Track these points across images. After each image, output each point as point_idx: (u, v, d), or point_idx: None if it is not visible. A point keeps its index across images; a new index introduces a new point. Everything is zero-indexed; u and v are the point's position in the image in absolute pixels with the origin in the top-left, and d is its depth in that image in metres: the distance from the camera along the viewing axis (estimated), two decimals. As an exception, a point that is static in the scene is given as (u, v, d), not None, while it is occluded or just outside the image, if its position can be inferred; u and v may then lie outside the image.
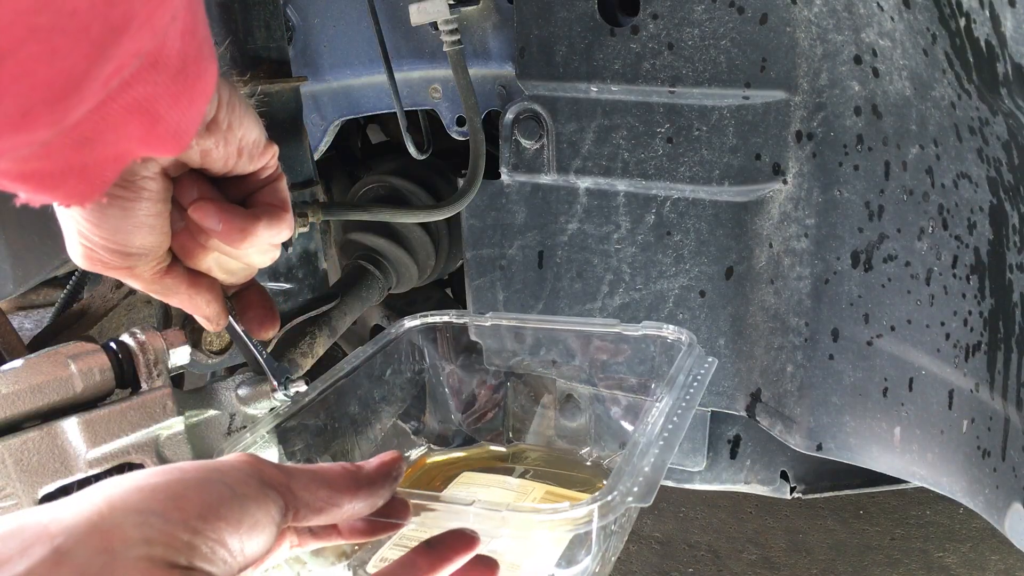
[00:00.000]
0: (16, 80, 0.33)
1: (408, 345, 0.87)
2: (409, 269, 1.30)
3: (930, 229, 0.82)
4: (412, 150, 1.17)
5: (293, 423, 0.70)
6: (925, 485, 0.90)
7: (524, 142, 1.04)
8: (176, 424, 0.67)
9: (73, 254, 0.52)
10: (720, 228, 0.99)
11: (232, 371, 1.01)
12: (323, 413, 0.74)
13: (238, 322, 0.65)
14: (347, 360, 0.78)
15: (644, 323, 0.81)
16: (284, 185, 0.58)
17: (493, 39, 1.07)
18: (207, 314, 0.61)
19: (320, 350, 0.97)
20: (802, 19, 0.85)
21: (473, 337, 0.91)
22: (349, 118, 1.25)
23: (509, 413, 0.90)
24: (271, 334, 0.66)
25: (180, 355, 0.67)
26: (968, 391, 0.80)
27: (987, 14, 0.60)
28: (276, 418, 0.69)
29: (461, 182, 1.07)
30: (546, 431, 0.89)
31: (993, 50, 0.62)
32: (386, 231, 1.28)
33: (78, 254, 0.52)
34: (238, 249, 0.56)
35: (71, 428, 0.61)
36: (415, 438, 0.90)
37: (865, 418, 0.93)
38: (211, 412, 0.72)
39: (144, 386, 0.65)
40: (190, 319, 0.63)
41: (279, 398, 0.71)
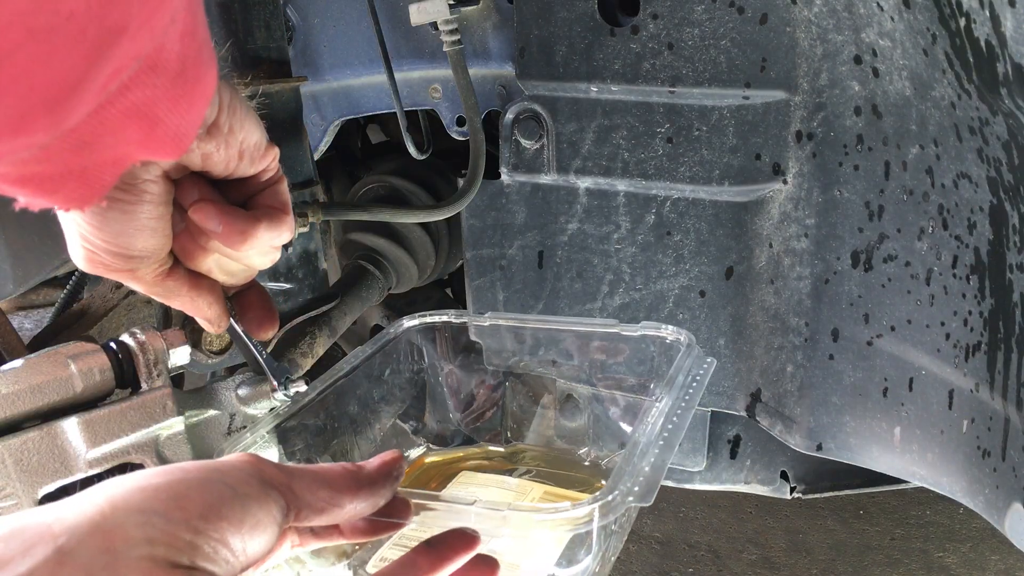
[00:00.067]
0: (13, 83, 0.33)
1: (407, 345, 0.87)
2: (409, 269, 1.30)
3: (930, 229, 0.82)
4: (412, 150, 1.17)
5: (293, 423, 0.70)
6: (925, 485, 0.90)
7: (524, 142, 1.04)
8: (176, 424, 0.67)
9: (75, 257, 0.52)
10: (720, 228, 0.99)
11: (232, 371, 1.01)
12: (323, 413, 0.74)
13: (238, 322, 0.65)
14: (346, 360, 0.78)
15: (643, 323, 0.81)
16: (285, 187, 0.58)
17: (493, 39, 1.07)
18: (208, 316, 0.61)
19: (320, 350, 0.97)
20: (802, 19, 0.85)
21: (473, 337, 0.91)
22: (349, 118, 1.25)
23: (507, 413, 0.90)
24: (270, 335, 0.66)
25: (180, 355, 0.67)
26: (968, 391, 0.80)
27: (987, 14, 0.60)
28: (276, 418, 0.69)
29: (461, 182, 1.07)
30: (546, 431, 0.89)
31: (993, 50, 0.62)
32: (386, 231, 1.28)
33: (80, 257, 0.52)
34: (238, 251, 0.56)
35: (71, 428, 0.61)
36: (414, 438, 0.90)
37: (865, 418, 0.93)
38: (211, 412, 0.72)
39: (144, 386, 0.65)
40: (190, 319, 0.63)
41: (279, 398, 0.71)
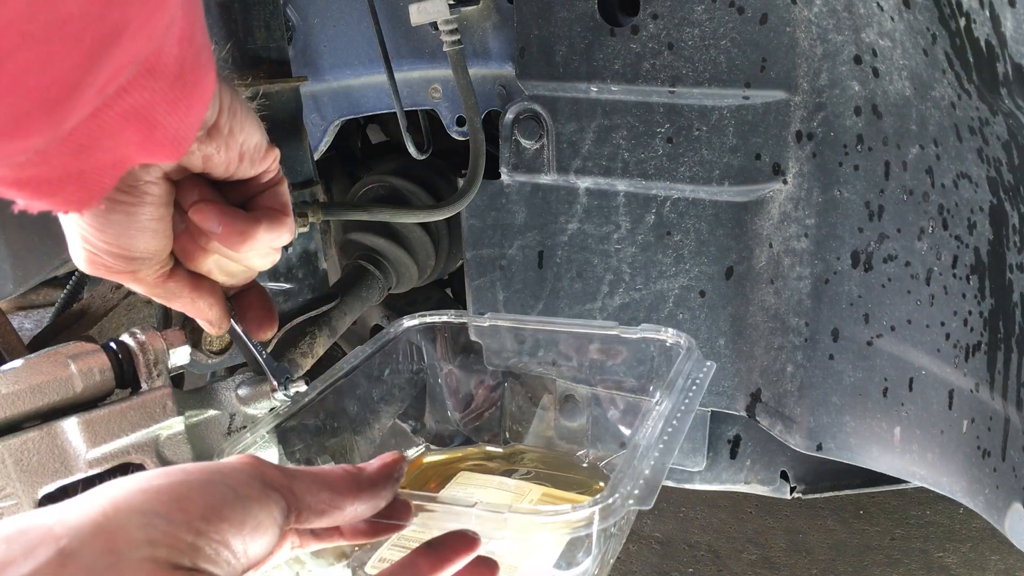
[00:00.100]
0: (9, 86, 0.33)
1: (407, 345, 0.87)
2: (409, 269, 1.30)
3: (930, 229, 0.82)
4: (412, 150, 1.17)
5: (293, 423, 0.70)
6: (925, 485, 0.90)
7: (524, 142, 1.04)
8: (176, 424, 0.67)
9: (77, 259, 0.52)
10: (720, 228, 0.99)
11: (232, 371, 1.01)
12: (322, 413, 0.74)
13: (237, 323, 0.65)
14: (346, 360, 0.78)
15: (643, 326, 0.80)
16: (285, 189, 0.58)
17: (493, 39, 1.07)
18: (209, 318, 0.62)
19: (320, 350, 0.97)
20: (802, 19, 0.85)
21: (473, 337, 0.91)
22: (349, 118, 1.25)
23: (506, 413, 0.90)
24: (269, 335, 0.66)
25: (180, 355, 0.67)
26: (968, 391, 0.80)
27: (987, 14, 0.60)
28: (276, 418, 0.69)
29: (461, 182, 1.07)
30: (545, 432, 0.89)
31: (993, 50, 0.61)
32: (386, 231, 1.28)
33: (81, 259, 0.52)
34: (238, 252, 0.56)
35: (71, 428, 0.60)
36: (414, 437, 0.90)
37: (865, 418, 0.93)
38: (211, 412, 0.72)
39: (144, 386, 0.65)
40: (190, 319, 0.63)
41: (279, 398, 0.71)
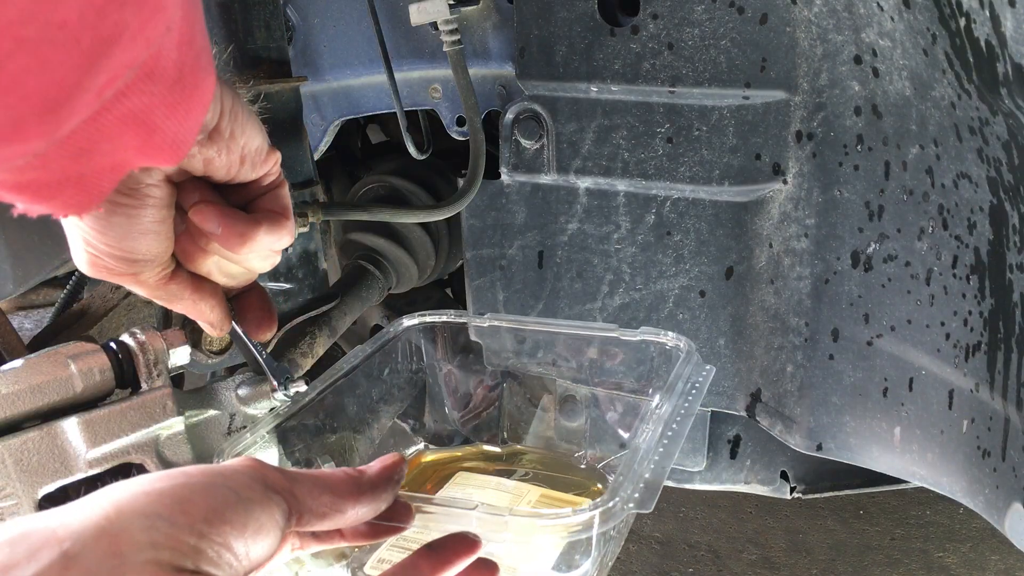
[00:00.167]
0: (6, 91, 0.33)
1: (406, 344, 0.87)
2: (409, 269, 1.30)
3: (930, 229, 0.82)
4: (412, 150, 1.17)
5: (293, 423, 0.70)
6: (925, 485, 0.90)
7: (524, 142, 1.04)
8: (176, 424, 0.66)
9: (78, 261, 0.52)
10: (720, 228, 0.99)
11: (232, 371, 1.01)
12: (322, 413, 0.74)
13: (237, 323, 0.65)
14: (345, 359, 0.78)
15: (642, 328, 0.80)
16: (286, 192, 0.58)
17: (493, 39, 1.07)
18: (210, 319, 0.62)
19: (320, 350, 0.97)
20: (802, 19, 0.85)
21: (473, 338, 0.91)
22: (349, 118, 1.25)
23: (505, 413, 0.90)
24: (268, 336, 0.66)
25: (180, 355, 0.67)
26: (968, 391, 0.80)
27: (987, 14, 0.60)
28: (276, 418, 0.69)
29: (461, 182, 1.06)
30: (545, 432, 0.89)
31: (993, 50, 0.61)
32: (386, 231, 1.28)
33: (83, 261, 0.52)
34: (237, 254, 0.56)
35: (71, 428, 0.60)
36: (413, 437, 0.90)
37: (865, 418, 0.93)
38: (211, 412, 0.72)
39: (144, 386, 0.65)
40: (190, 320, 0.63)
41: (279, 398, 0.71)
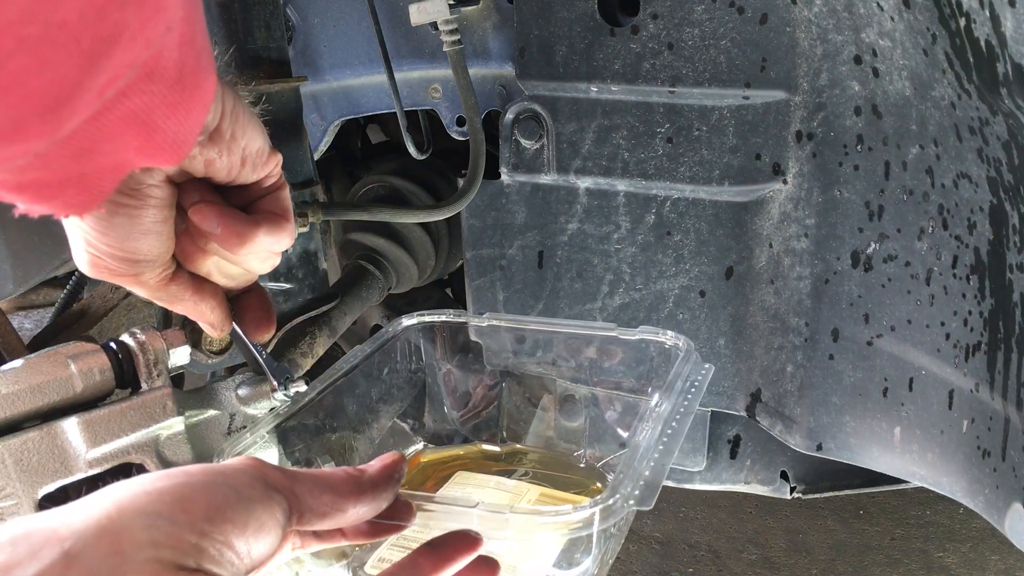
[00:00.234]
0: (7, 91, 0.33)
1: (405, 344, 0.87)
2: (409, 269, 1.30)
3: (930, 229, 0.82)
4: (412, 150, 1.17)
5: (293, 423, 0.70)
6: (925, 485, 0.90)
7: (524, 142, 1.04)
8: (176, 424, 0.66)
9: (79, 262, 0.52)
10: (720, 228, 0.99)
11: (232, 371, 1.01)
12: (322, 413, 0.74)
13: (236, 323, 0.65)
14: (345, 359, 0.78)
15: (641, 328, 0.81)
16: (287, 194, 0.58)
17: (493, 39, 1.07)
18: (211, 320, 0.62)
19: (320, 350, 0.97)
20: (802, 19, 0.85)
21: (473, 337, 0.91)
22: (349, 118, 1.25)
23: (504, 413, 0.90)
24: (267, 337, 0.66)
25: (180, 355, 0.67)
26: (968, 391, 0.80)
27: (987, 14, 0.60)
28: (276, 418, 0.69)
29: (461, 182, 1.06)
30: (545, 432, 0.89)
31: (993, 50, 0.62)
32: (386, 231, 1.28)
33: (84, 262, 0.52)
34: (236, 254, 0.56)
35: (71, 428, 0.60)
36: (413, 436, 0.90)
37: (865, 418, 0.93)
38: (211, 412, 0.72)
39: (144, 386, 0.65)
40: (190, 320, 0.63)
41: (279, 398, 0.71)
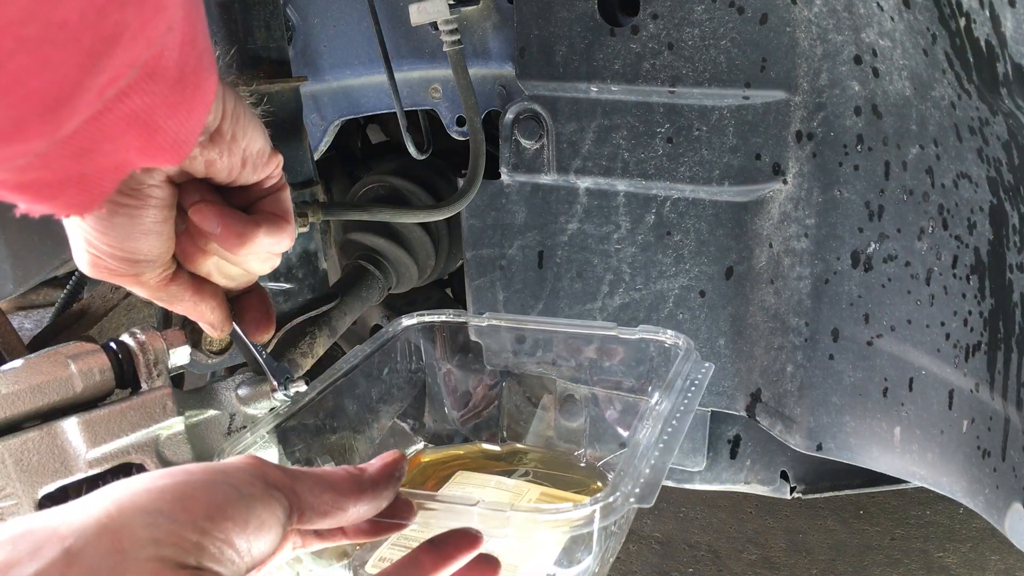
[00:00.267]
0: (7, 91, 0.33)
1: (405, 344, 0.87)
2: (409, 269, 1.30)
3: (930, 229, 0.82)
4: (412, 150, 1.17)
5: (293, 423, 0.70)
6: (925, 485, 0.90)
7: (524, 142, 1.04)
8: (176, 424, 0.67)
9: (80, 262, 0.52)
10: (720, 228, 0.99)
11: (232, 371, 1.01)
12: (322, 413, 0.74)
13: (236, 323, 0.65)
14: (345, 359, 0.78)
15: (641, 327, 0.81)
16: (287, 195, 0.58)
17: (493, 39, 1.07)
18: (211, 321, 0.62)
19: (320, 350, 0.97)
20: (802, 19, 0.85)
21: (473, 337, 0.91)
22: (349, 118, 1.25)
23: (504, 412, 0.90)
24: (266, 338, 0.66)
25: (180, 355, 0.67)
26: (968, 391, 0.80)
27: (987, 14, 0.60)
28: (276, 418, 0.69)
29: (461, 182, 1.07)
30: (545, 431, 0.89)
31: (993, 50, 0.62)
32: (386, 231, 1.28)
33: (85, 262, 0.52)
34: (236, 254, 0.56)
35: (71, 428, 0.60)
36: (413, 436, 0.90)
37: (865, 418, 0.93)
38: (211, 412, 0.72)
39: (144, 386, 0.65)
40: (190, 320, 0.63)
41: (279, 398, 0.71)
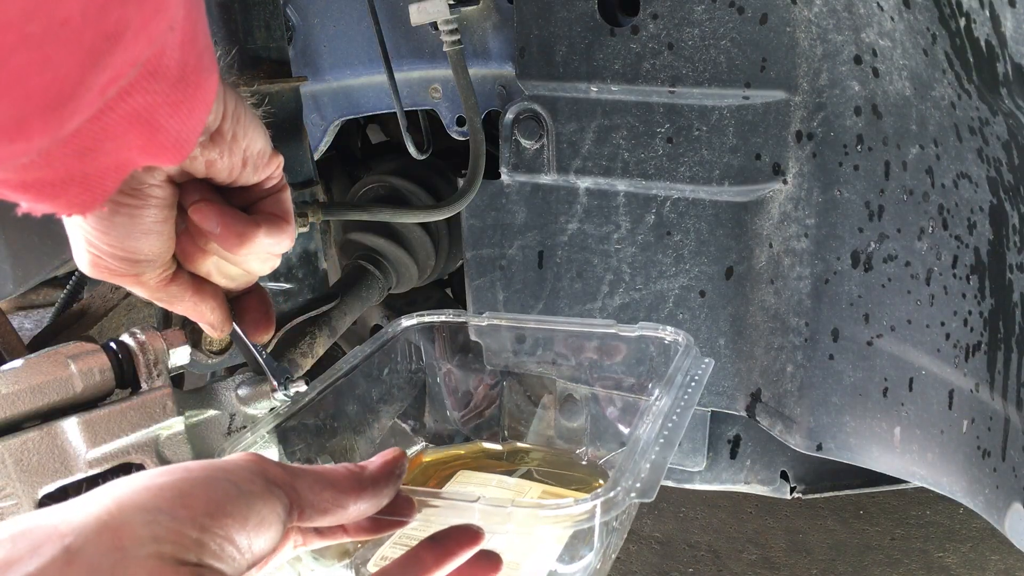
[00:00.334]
0: (9, 88, 0.33)
1: (405, 344, 0.87)
2: (409, 269, 1.30)
3: (930, 229, 0.82)
4: (412, 150, 1.17)
5: (293, 423, 0.70)
6: (925, 485, 0.90)
7: (524, 142, 1.04)
8: (176, 424, 0.67)
9: (80, 262, 0.52)
10: (720, 228, 0.99)
11: (232, 371, 1.01)
12: (322, 413, 0.74)
13: (236, 323, 0.65)
14: (345, 360, 0.78)
15: (641, 324, 0.81)
16: (288, 196, 0.58)
17: (493, 39, 1.07)
18: (211, 321, 0.62)
19: (320, 350, 0.97)
20: (802, 19, 0.85)
21: (473, 337, 0.91)
22: (349, 118, 1.25)
23: (505, 412, 0.90)
24: (266, 338, 0.66)
25: (180, 355, 0.67)
26: (968, 391, 0.80)
27: (987, 14, 0.60)
28: (276, 418, 0.69)
29: (461, 182, 1.07)
30: (545, 431, 0.89)
31: (993, 50, 0.62)
32: (386, 231, 1.28)
33: (85, 262, 0.52)
34: (236, 254, 0.56)
35: (71, 428, 0.60)
36: (414, 437, 0.90)
37: (865, 418, 0.93)
38: (211, 412, 0.72)
39: (144, 386, 0.65)
40: (190, 320, 0.63)
41: (279, 398, 0.71)
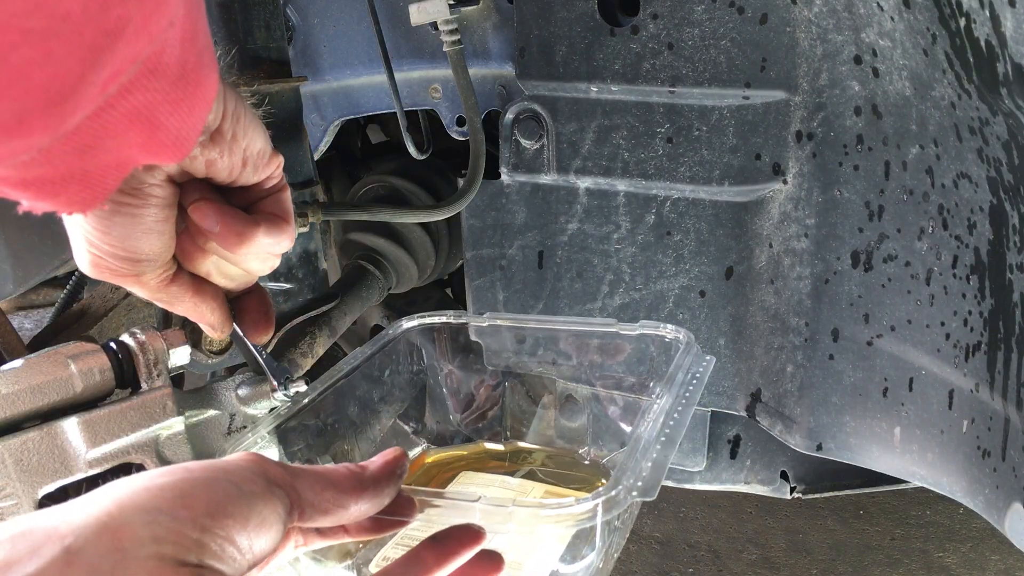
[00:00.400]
0: (10, 84, 0.33)
1: (406, 345, 0.87)
2: (409, 269, 1.30)
3: (930, 229, 0.82)
4: (412, 150, 1.17)
5: (293, 423, 0.70)
6: (925, 485, 0.90)
7: (524, 142, 1.04)
8: (176, 424, 0.67)
9: (80, 262, 0.52)
10: (720, 228, 0.99)
11: (232, 371, 1.01)
12: (323, 414, 0.74)
13: (236, 324, 0.65)
14: (346, 361, 0.78)
15: (641, 322, 0.80)
16: (288, 196, 0.58)
17: (493, 39, 1.07)
18: (211, 321, 0.62)
19: (320, 350, 0.97)
20: (802, 19, 0.85)
21: (473, 337, 0.91)
22: (349, 118, 1.25)
23: (507, 412, 0.90)
24: (265, 339, 0.66)
25: (180, 355, 0.67)
26: (968, 391, 0.80)
27: (987, 14, 0.60)
28: (276, 418, 0.69)
29: (461, 182, 1.07)
30: (546, 431, 0.89)
31: (993, 50, 0.62)
32: (386, 231, 1.28)
33: (86, 262, 0.52)
34: (235, 253, 0.56)
35: (71, 428, 0.60)
36: (414, 438, 0.90)
37: (865, 418, 0.93)
38: (211, 412, 0.72)
39: (144, 386, 0.65)
40: (190, 320, 0.63)
41: (279, 398, 0.71)
